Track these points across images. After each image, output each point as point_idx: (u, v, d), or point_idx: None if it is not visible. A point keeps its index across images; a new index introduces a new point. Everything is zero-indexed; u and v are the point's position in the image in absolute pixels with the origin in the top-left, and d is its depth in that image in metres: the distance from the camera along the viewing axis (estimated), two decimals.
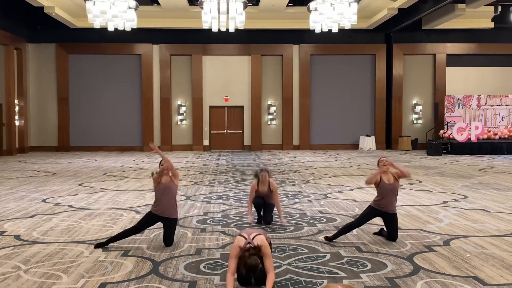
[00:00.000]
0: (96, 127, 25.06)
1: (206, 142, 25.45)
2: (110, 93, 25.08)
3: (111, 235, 7.25)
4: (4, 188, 12.01)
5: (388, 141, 25.85)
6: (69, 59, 24.88)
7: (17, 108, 23.23)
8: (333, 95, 25.67)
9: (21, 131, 23.59)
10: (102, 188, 12.03)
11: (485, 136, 22.94)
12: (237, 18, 17.60)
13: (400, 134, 25.43)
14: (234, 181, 13.29)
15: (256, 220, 7.96)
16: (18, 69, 23.36)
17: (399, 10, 21.08)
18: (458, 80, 25.74)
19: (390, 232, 6.86)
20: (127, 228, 7.25)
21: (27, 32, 24.17)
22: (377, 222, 7.48)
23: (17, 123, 23.18)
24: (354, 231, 7.46)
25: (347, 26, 18.49)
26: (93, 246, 6.57)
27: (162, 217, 6.68)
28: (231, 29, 18.53)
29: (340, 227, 7.21)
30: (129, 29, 18.85)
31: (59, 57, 24.73)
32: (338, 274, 5.48)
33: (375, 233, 7.21)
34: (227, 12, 17.57)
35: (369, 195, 10.80)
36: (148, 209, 9.22)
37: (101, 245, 6.56)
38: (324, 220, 8.28)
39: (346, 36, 24.22)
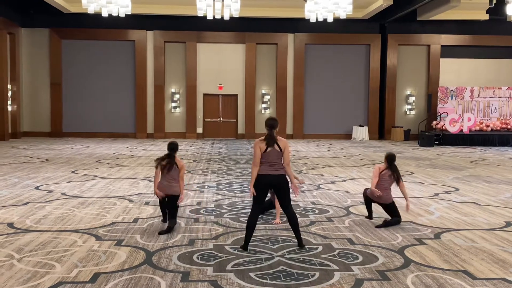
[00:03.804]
0: (89, 113, 24.96)
1: (199, 130, 25.44)
2: (103, 79, 24.95)
3: (104, 224, 7.29)
4: None
5: (381, 131, 25.93)
6: (63, 45, 24.70)
7: (9, 93, 23.08)
8: (327, 85, 25.67)
9: (14, 116, 23.47)
10: (95, 176, 12.02)
11: (477, 128, 23.04)
12: (232, 6, 17.53)
13: (393, 124, 25.52)
14: (227, 170, 13.32)
15: None
16: (11, 53, 23.17)
17: (395, 0, 21.05)
18: (451, 71, 25.80)
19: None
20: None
21: (20, 17, 23.96)
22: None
23: (9, 108, 23.04)
24: (346, 223, 7.53)
25: (342, 16, 18.46)
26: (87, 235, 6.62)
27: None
28: (226, 17, 18.46)
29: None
30: (123, 15, 18.72)
31: (52, 42, 24.55)
32: (330, 266, 5.54)
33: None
34: (222, 0, 17.49)
35: (362, 186, 10.87)
36: (141, 197, 9.27)
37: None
38: (317, 211, 8.34)
39: (341, 26, 24.17)
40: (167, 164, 7.11)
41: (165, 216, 7.32)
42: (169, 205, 7.16)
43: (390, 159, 7.39)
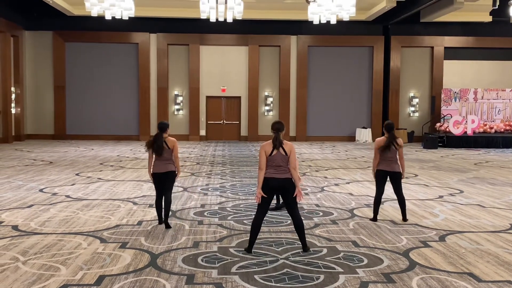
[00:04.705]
0: (92, 115, 24.99)
1: (202, 132, 25.44)
2: (107, 81, 24.99)
3: (109, 226, 7.29)
4: (1, 177, 12.00)
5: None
6: (66, 47, 24.75)
7: (13, 96, 23.13)
8: (331, 87, 25.66)
9: (18, 119, 23.51)
10: (99, 178, 12.03)
11: (481, 130, 22.99)
12: (235, 8, 17.53)
13: (397, 126, 25.45)
14: (231, 173, 13.32)
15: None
16: (14, 56, 23.23)
17: (398, 2, 21.03)
18: (455, 73, 25.76)
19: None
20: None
21: (24, 20, 24.01)
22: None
23: (13, 110, 23.09)
24: (351, 225, 7.52)
25: (346, 18, 18.43)
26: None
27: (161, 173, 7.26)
28: (229, 19, 18.47)
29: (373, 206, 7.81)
30: (127, 18, 18.72)
31: (56, 45, 24.60)
32: (334, 269, 5.53)
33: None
34: (225, 2, 17.50)
35: (365, 188, 10.86)
36: (145, 200, 9.27)
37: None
38: (321, 213, 8.33)
39: (344, 28, 24.16)
40: (153, 145, 7.19)
41: (161, 217, 7.38)
42: (166, 183, 7.23)
43: (388, 127, 7.92)
